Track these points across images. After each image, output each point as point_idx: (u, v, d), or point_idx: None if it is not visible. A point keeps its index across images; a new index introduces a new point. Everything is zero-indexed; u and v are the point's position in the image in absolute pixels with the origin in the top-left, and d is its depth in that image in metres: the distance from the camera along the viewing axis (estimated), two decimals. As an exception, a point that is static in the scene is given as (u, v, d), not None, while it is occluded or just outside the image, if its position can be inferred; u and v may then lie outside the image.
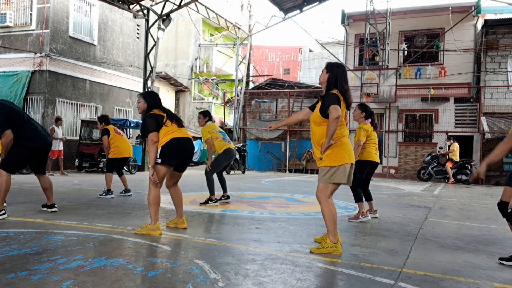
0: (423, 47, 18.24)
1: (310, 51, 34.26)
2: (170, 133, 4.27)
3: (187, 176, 4.64)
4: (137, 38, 18.58)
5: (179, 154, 4.34)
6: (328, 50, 20.81)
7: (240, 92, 20.33)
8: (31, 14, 14.48)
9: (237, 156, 15.90)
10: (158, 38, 15.90)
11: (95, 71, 16.25)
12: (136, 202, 6.61)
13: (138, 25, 18.47)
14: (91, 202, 6.42)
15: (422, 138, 18.30)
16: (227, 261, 3.25)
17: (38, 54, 14.07)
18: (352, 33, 19.78)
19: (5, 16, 14.49)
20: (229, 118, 24.26)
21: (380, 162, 5.97)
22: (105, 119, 7.52)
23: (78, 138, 14.29)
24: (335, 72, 3.82)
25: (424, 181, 15.52)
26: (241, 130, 20.82)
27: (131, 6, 15.44)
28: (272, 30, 76.18)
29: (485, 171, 3.65)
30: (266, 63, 35.49)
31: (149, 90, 15.63)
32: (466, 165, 15.04)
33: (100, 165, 13.35)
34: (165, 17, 15.93)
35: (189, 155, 4.52)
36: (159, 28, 15.85)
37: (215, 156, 6.63)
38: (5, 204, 5.43)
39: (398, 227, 5.18)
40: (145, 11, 15.81)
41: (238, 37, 20.04)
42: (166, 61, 25.93)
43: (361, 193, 5.61)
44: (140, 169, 14.88)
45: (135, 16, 16.00)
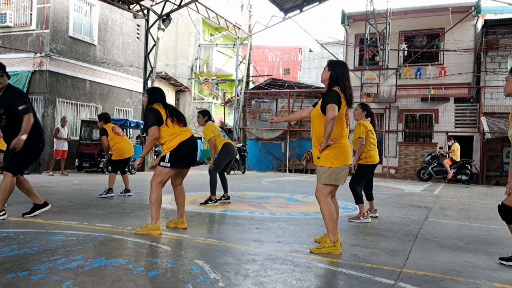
0: (423, 47, 18.24)
1: (310, 51, 34.26)
2: (175, 136, 4.28)
3: (187, 176, 4.64)
4: (137, 38, 18.58)
5: (187, 155, 4.39)
6: (328, 50, 20.81)
7: (240, 92, 20.33)
8: (31, 14, 14.48)
9: (237, 156, 15.90)
10: (158, 38, 15.91)
11: (95, 71, 16.25)
12: (136, 202, 6.61)
13: (138, 25, 18.47)
14: (91, 202, 6.41)
15: (422, 138, 18.30)
16: (227, 261, 3.25)
17: (38, 54, 14.07)
18: (352, 33, 19.78)
19: (5, 16, 14.49)
20: (229, 118, 24.25)
21: (380, 162, 5.99)
22: (104, 117, 7.48)
23: (78, 138, 14.29)
24: (336, 69, 3.81)
25: (424, 181, 15.52)
26: (241, 130, 20.82)
27: (131, 6, 15.44)
28: (272, 30, 76.11)
29: None
30: (266, 63, 35.50)
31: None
32: (466, 165, 15.05)
33: (100, 165, 13.36)
34: (165, 17, 15.93)
35: (194, 153, 4.57)
36: (159, 28, 15.86)
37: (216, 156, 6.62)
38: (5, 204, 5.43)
39: (398, 227, 5.18)
40: (145, 11, 15.82)
41: (238, 37, 20.04)
42: (166, 61, 25.93)
43: (361, 195, 5.61)
44: (140, 169, 14.88)
45: (135, 16, 16.00)
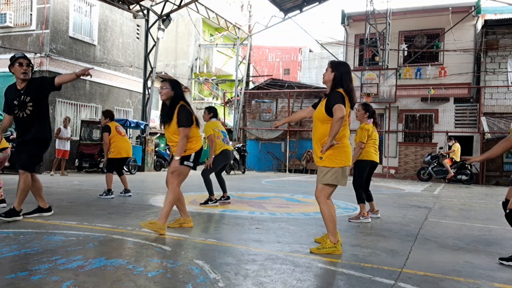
0: (423, 47, 18.24)
1: (310, 51, 34.27)
2: (199, 138, 4.49)
3: (187, 176, 4.64)
4: (137, 38, 18.58)
5: (199, 158, 4.60)
6: (328, 50, 20.83)
7: (240, 92, 20.33)
8: (31, 14, 14.49)
9: (237, 156, 15.90)
10: (158, 38, 15.91)
11: (95, 71, 16.12)
12: (136, 202, 6.61)
13: (138, 25, 18.47)
14: (91, 202, 6.41)
15: (422, 138, 18.30)
16: (227, 261, 3.25)
17: (38, 55, 14.07)
18: (352, 33, 19.78)
19: (5, 16, 14.49)
20: (229, 118, 24.26)
21: (380, 162, 6.01)
22: (110, 115, 7.43)
23: (78, 138, 14.29)
24: (340, 70, 3.79)
25: (424, 181, 15.52)
26: (241, 130, 20.82)
27: (131, 6, 15.44)
28: (272, 30, 76.23)
29: (477, 161, 3.71)
30: (266, 63, 35.50)
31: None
32: (466, 165, 15.05)
33: (100, 165, 13.35)
34: (165, 17, 15.94)
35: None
36: (159, 28, 15.86)
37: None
38: (5, 204, 5.44)
39: (398, 227, 5.18)
40: (145, 11, 15.82)
41: (238, 37, 20.05)
42: (166, 61, 25.92)
43: (363, 194, 5.62)
44: (140, 169, 14.88)
45: (135, 17, 16.01)
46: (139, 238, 3.95)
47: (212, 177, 6.60)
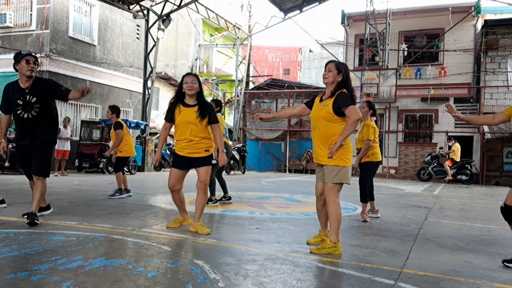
0: (423, 47, 18.25)
1: (310, 51, 34.27)
2: (211, 139, 4.54)
3: (186, 176, 4.64)
4: (137, 38, 18.59)
5: None
6: (328, 51, 20.83)
7: (240, 92, 20.34)
8: (31, 14, 14.49)
9: (237, 156, 15.89)
10: (158, 39, 15.91)
11: (95, 72, 16.26)
12: (136, 202, 6.61)
13: (138, 26, 18.47)
14: (91, 202, 6.41)
15: (422, 138, 18.30)
16: (227, 261, 3.25)
17: (38, 55, 14.06)
18: (352, 33, 19.79)
19: (5, 16, 14.50)
20: (229, 118, 24.25)
21: (380, 162, 6.03)
22: (117, 111, 7.20)
23: (78, 138, 14.29)
24: (344, 72, 3.85)
25: (424, 181, 15.52)
26: (241, 130, 20.83)
27: (131, 7, 15.44)
28: (272, 31, 76.23)
29: (457, 117, 3.86)
30: (266, 63, 35.50)
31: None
32: (466, 165, 15.05)
33: (100, 166, 13.35)
34: (165, 17, 15.94)
35: None
36: (159, 29, 15.86)
37: None
38: (4, 204, 5.43)
39: (398, 227, 5.18)
40: (145, 12, 15.82)
41: (238, 37, 20.05)
42: (166, 62, 25.92)
43: (367, 194, 5.65)
44: (140, 169, 14.88)
45: (135, 17, 16.01)
46: (139, 238, 3.95)
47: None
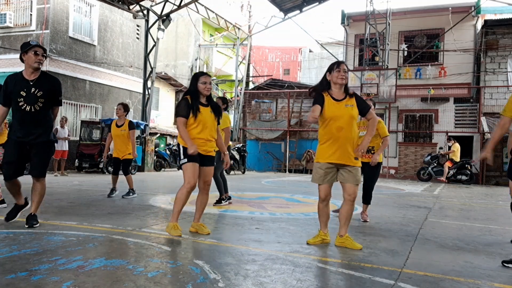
0: (423, 47, 18.25)
1: (310, 51, 34.25)
2: None
3: (176, 177, 4.64)
4: (137, 38, 18.59)
5: None
6: (328, 51, 20.83)
7: (240, 92, 20.34)
8: (31, 14, 14.49)
9: (237, 157, 15.89)
10: (158, 39, 15.91)
11: (95, 72, 16.26)
12: (136, 202, 6.61)
13: (138, 26, 18.47)
14: (91, 202, 6.41)
15: (422, 138, 18.30)
16: (227, 261, 3.25)
17: (38, 55, 14.07)
18: (352, 33, 19.79)
19: (5, 16, 14.50)
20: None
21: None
22: (128, 109, 7.12)
23: (78, 138, 14.29)
24: None
25: (424, 181, 15.52)
26: (241, 130, 20.82)
27: (131, 7, 15.45)
28: (272, 31, 76.25)
29: (488, 156, 3.72)
30: (266, 63, 35.49)
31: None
32: (466, 165, 15.05)
33: (100, 166, 13.34)
34: (165, 17, 15.94)
35: None
36: (159, 29, 15.86)
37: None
38: (5, 204, 5.43)
39: (398, 228, 5.18)
40: (145, 12, 15.82)
41: (238, 38, 20.05)
42: (166, 62, 25.91)
43: None
44: (140, 169, 14.87)
45: (135, 17, 16.01)
46: (139, 238, 3.95)
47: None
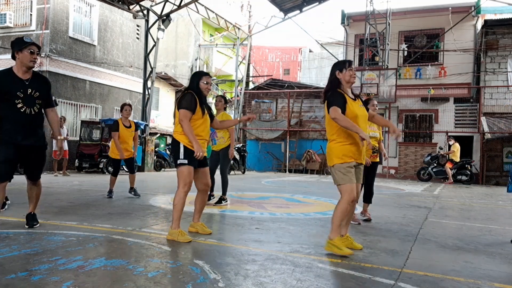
0: (423, 47, 18.25)
1: (310, 51, 34.25)
2: None
3: (172, 177, 4.64)
4: (137, 38, 18.58)
5: None
6: (328, 51, 20.83)
7: (240, 92, 20.33)
8: (31, 14, 14.49)
9: (237, 157, 15.89)
10: (158, 39, 15.91)
11: (95, 72, 16.26)
12: (136, 202, 6.61)
13: (138, 26, 18.47)
14: (91, 202, 6.41)
15: (422, 138, 18.30)
16: (227, 261, 3.25)
17: (38, 55, 14.08)
18: (352, 33, 19.79)
19: (5, 16, 14.49)
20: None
21: (380, 163, 5.94)
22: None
23: (78, 138, 14.29)
24: None
25: (424, 181, 15.52)
26: (241, 130, 20.82)
27: (131, 7, 15.44)
28: (272, 31, 76.21)
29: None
30: (266, 63, 35.49)
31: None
32: (466, 166, 15.05)
33: (100, 166, 13.34)
34: (165, 17, 15.94)
35: None
36: (159, 29, 15.86)
37: (211, 153, 6.60)
38: (8, 202, 5.44)
39: (398, 228, 5.18)
40: (145, 12, 15.82)
41: (238, 38, 20.05)
42: (166, 62, 25.91)
43: None
44: (140, 169, 14.86)
45: (135, 17, 16.01)
46: (139, 238, 3.95)
47: (217, 176, 6.63)
